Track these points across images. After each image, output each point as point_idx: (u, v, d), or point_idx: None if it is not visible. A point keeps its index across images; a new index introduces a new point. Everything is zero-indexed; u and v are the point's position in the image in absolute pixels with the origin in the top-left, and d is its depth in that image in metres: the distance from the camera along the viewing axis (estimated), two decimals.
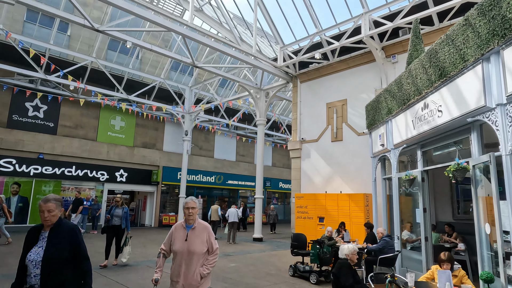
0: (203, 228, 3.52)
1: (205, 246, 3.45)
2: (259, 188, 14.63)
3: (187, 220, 3.52)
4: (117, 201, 8.40)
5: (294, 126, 13.63)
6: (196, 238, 3.42)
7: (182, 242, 3.42)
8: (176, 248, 3.42)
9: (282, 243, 13.89)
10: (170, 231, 3.64)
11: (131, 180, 19.18)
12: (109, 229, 8.27)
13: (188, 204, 3.47)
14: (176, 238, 3.50)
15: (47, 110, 16.77)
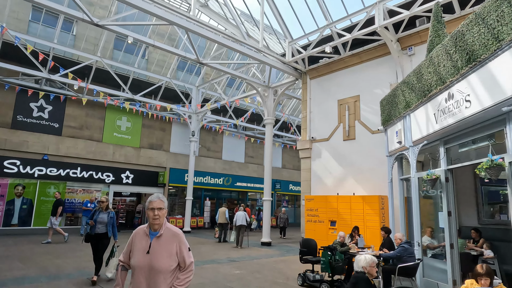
0: (172, 236, 2.66)
1: (174, 261, 2.60)
2: (267, 190, 14.01)
3: (152, 225, 2.67)
4: (101, 204, 7.04)
5: (303, 124, 12.98)
6: (162, 250, 2.59)
7: (143, 255, 2.58)
8: (135, 262, 2.59)
9: (291, 248, 13.21)
10: (130, 237, 2.80)
11: (138, 182, 18.79)
12: (92, 238, 6.97)
13: (153, 204, 2.66)
14: (135, 248, 2.66)
15: (52, 110, 16.52)
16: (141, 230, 2.75)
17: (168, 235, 2.66)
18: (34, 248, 10.80)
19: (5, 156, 14.91)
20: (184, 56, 12.49)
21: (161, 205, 2.67)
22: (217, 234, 15.04)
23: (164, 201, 2.72)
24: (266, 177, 14.11)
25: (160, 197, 2.70)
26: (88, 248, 11.73)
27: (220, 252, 11.22)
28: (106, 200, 7.12)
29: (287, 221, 17.14)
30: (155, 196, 2.72)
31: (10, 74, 15.20)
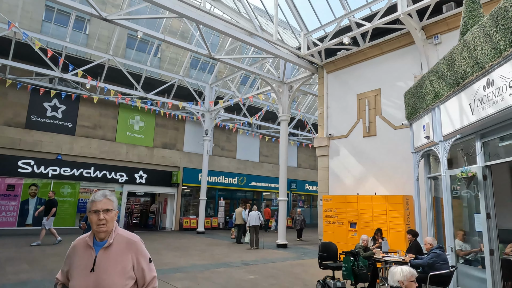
0: (127, 244, 2.02)
1: (130, 278, 1.96)
2: (283, 189, 13.46)
3: (96, 234, 2.01)
4: None
5: (320, 121, 12.37)
6: (112, 265, 1.95)
7: (85, 274, 1.93)
8: (75, 284, 1.94)
9: (308, 250, 12.62)
10: (68, 251, 2.10)
11: (151, 181, 18.57)
12: None
13: (96, 205, 2.00)
14: (75, 265, 1.98)
15: (65, 110, 16.46)
16: (81, 242, 2.05)
17: (121, 245, 2.01)
18: (46, 249, 10.61)
19: (20, 156, 14.90)
20: (195, 51, 12.09)
21: (109, 206, 2.02)
22: (233, 235, 14.82)
23: (112, 201, 2.06)
24: (281, 176, 13.56)
25: (107, 195, 2.06)
26: None
27: (233, 255, 10.75)
28: None
29: (304, 223, 16.24)
30: (100, 194, 2.05)
31: (24, 74, 15.19)
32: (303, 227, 16.06)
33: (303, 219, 16.23)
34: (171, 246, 12.34)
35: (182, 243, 13.30)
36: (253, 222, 12.78)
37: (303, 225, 16.06)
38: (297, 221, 16.02)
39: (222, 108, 18.11)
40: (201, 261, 9.34)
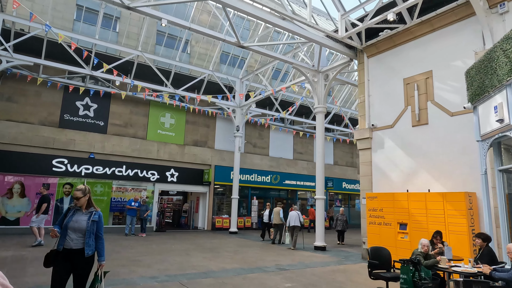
0: None
1: None
2: (320, 187, 12.39)
3: None
4: (77, 199, 4.05)
5: (361, 111, 11.17)
6: None
7: None
8: None
9: (350, 253, 11.46)
10: None
11: (182, 180, 18.17)
12: (60, 259, 3.92)
13: None
14: None
15: (97, 108, 16.42)
16: None
17: None
18: None
19: (54, 155, 15.00)
20: (223, 40, 11.35)
21: None
22: (272, 235, 14.24)
23: None
24: (318, 172, 12.50)
25: None
26: (134, 245, 11.35)
27: (268, 258, 9.87)
28: (83, 193, 4.06)
29: (346, 224, 14.38)
30: None
31: (57, 73, 15.29)
32: (346, 228, 14.31)
33: (346, 220, 14.40)
34: (202, 247, 11.70)
35: (214, 243, 12.64)
36: (293, 222, 12.34)
37: (346, 226, 14.33)
38: (339, 222, 14.25)
39: (253, 102, 17.30)
40: (232, 265, 8.55)
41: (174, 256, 9.57)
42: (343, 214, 14.52)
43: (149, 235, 15.00)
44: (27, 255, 8.84)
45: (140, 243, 12.01)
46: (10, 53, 12.98)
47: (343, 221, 14.21)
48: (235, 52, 19.93)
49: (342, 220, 14.21)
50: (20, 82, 14.65)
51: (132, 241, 12.48)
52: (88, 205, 4.15)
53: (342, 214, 14.46)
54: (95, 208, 4.19)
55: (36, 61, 13.59)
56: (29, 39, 13.93)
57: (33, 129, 14.72)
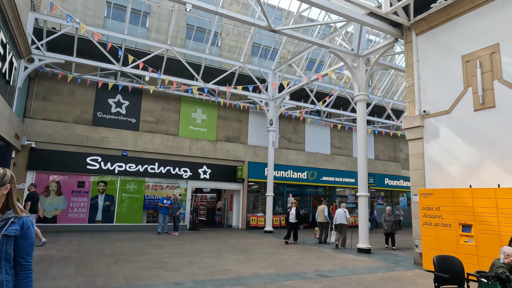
0: None
1: None
2: (362, 182, 11.21)
3: None
4: None
5: (409, 96, 9.84)
6: None
7: None
8: None
9: (399, 257, 10.20)
10: None
11: (215, 177, 17.62)
12: None
13: None
14: None
15: (129, 106, 16.27)
16: None
17: None
18: (105, 247, 10.00)
19: (88, 153, 15.00)
20: (253, 24, 10.50)
21: None
22: (317, 234, 13.57)
23: None
24: (360, 166, 11.32)
25: None
26: (161, 247, 10.64)
27: (306, 262, 8.92)
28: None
29: (396, 224, 12.54)
30: None
31: (89, 71, 15.29)
32: (395, 230, 12.32)
33: (395, 220, 12.40)
34: (235, 247, 10.97)
35: (248, 244, 11.89)
36: (339, 220, 12.04)
37: (395, 227, 12.35)
38: (386, 223, 12.39)
39: (287, 94, 16.31)
40: (267, 269, 7.70)
41: (204, 257, 8.90)
42: (391, 214, 12.60)
43: (182, 233, 14.58)
44: (56, 254, 8.58)
45: (172, 243, 11.52)
46: (43, 52, 13.02)
47: (391, 221, 12.31)
48: (266, 43, 19.06)
49: (390, 221, 12.33)
50: (54, 81, 14.78)
51: (163, 240, 12.05)
52: (7, 206, 2.20)
53: (389, 214, 12.59)
54: (17, 211, 2.21)
55: (67, 59, 13.57)
56: (61, 38, 13.97)
57: (67, 128, 14.81)
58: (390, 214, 12.54)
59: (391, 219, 12.36)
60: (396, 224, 12.31)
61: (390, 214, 12.57)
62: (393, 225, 12.22)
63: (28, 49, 12.20)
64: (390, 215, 12.50)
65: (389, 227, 12.26)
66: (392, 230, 12.22)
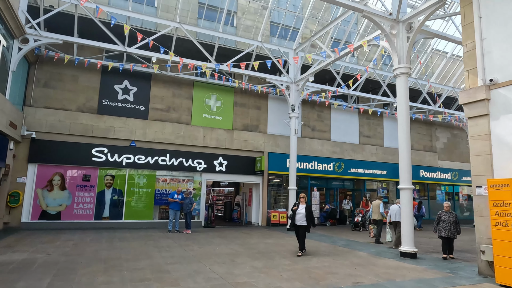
0: None
1: None
2: (405, 172, 9.33)
3: None
4: None
5: (469, 63, 7.83)
6: None
7: None
8: None
9: (455, 265, 8.29)
10: None
11: (232, 169, 16.07)
12: None
13: None
14: None
15: (137, 92, 14.93)
16: None
17: None
18: (103, 249, 8.64)
19: (93, 143, 13.78)
20: None
21: None
22: (372, 233, 12.57)
23: None
24: (402, 153, 9.42)
25: None
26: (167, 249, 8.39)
27: (340, 271, 7.20)
28: None
29: (458, 226, 9.02)
30: None
31: (93, 54, 14.02)
32: (455, 235, 9.00)
33: (456, 220, 9.06)
34: (253, 249, 9.38)
35: (268, 245, 10.27)
36: (394, 217, 10.75)
37: (455, 230, 9.00)
38: (444, 224, 9.04)
39: (311, 74, 14.45)
40: (292, 283, 6.05)
41: (215, 264, 7.34)
42: (450, 212, 9.16)
43: (196, 231, 13.15)
44: (40, 259, 7.25)
45: (181, 243, 10.06)
46: (38, 32, 11.78)
47: (451, 222, 9.01)
48: (286, 22, 17.20)
49: (448, 221, 9.02)
50: (56, 67, 13.59)
51: (172, 240, 10.62)
52: None
53: (447, 212, 9.17)
54: None
55: (65, 39, 12.29)
56: (61, 19, 12.73)
57: (71, 116, 13.62)
58: (448, 212, 9.16)
59: (449, 219, 9.04)
60: (456, 226, 9.04)
61: (449, 211, 9.17)
62: (452, 227, 8.99)
63: (20, 27, 10.97)
64: (448, 213, 9.13)
65: (446, 230, 8.99)
66: (452, 234, 8.98)
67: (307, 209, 8.94)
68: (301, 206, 8.99)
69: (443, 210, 9.27)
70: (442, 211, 9.29)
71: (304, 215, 8.88)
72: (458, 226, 9.00)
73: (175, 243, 10.13)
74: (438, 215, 9.32)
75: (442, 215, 9.20)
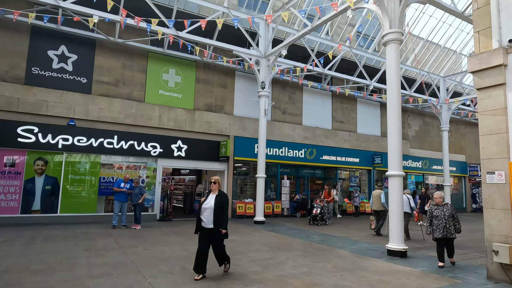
0: None
1: None
2: (396, 157, 7.90)
3: None
4: None
5: (480, 22, 6.42)
6: None
7: None
8: None
9: (456, 266, 7.00)
10: None
11: (193, 155, 14.10)
12: None
13: None
14: None
15: (77, 61, 12.44)
16: None
17: None
18: (10, 255, 6.47)
19: (19, 121, 11.23)
20: None
21: None
22: (372, 224, 11.25)
23: None
24: (392, 135, 7.98)
25: None
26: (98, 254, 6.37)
27: (323, 278, 5.64)
28: None
29: (457, 223, 6.64)
30: None
31: (19, 8, 11.30)
32: (454, 234, 6.64)
33: (453, 214, 6.66)
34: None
35: (233, 243, 8.54)
36: (404, 207, 9.07)
37: (453, 227, 6.62)
38: (438, 220, 6.65)
39: (284, 47, 12.68)
40: None
41: (160, 275, 5.48)
42: (444, 204, 6.78)
43: (147, 226, 11.15)
44: None
45: (123, 243, 8.06)
46: None
47: (446, 217, 6.59)
48: None
49: (442, 217, 6.61)
50: None
51: (113, 239, 8.57)
52: None
53: (440, 205, 6.79)
54: None
55: None
56: None
57: None
58: (441, 205, 6.76)
59: (444, 214, 6.61)
60: (454, 221, 6.65)
61: (442, 204, 6.79)
62: (447, 223, 6.57)
63: None
64: (441, 207, 6.73)
65: (442, 229, 6.59)
66: (449, 233, 6.59)
67: (217, 201, 5.40)
68: (211, 197, 5.54)
69: (434, 203, 6.92)
70: (432, 204, 6.95)
71: (213, 211, 5.35)
72: (457, 222, 6.65)
73: (116, 243, 8.11)
74: (429, 211, 6.89)
75: (433, 209, 6.80)
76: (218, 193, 5.54)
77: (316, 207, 13.34)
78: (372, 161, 19.42)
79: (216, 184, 5.61)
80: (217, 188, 5.61)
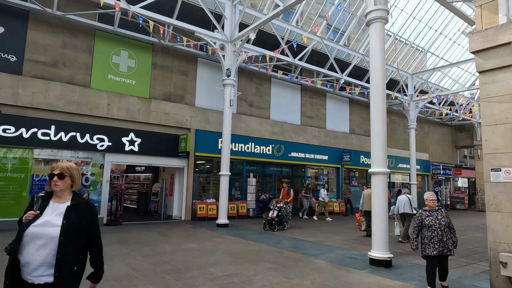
0: None
1: None
2: (380, 153, 6.92)
3: None
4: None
5: None
6: None
7: None
8: None
9: (452, 276, 6.08)
10: None
11: (148, 149, 12.43)
12: None
13: None
14: None
15: (5, 34, 10.34)
16: None
17: None
18: None
19: None
20: None
21: None
22: (363, 226, 10.63)
23: None
24: (377, 128, 6.99)
25: None
26: None
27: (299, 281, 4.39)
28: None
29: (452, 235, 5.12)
30: None
31: None
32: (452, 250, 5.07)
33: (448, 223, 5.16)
34: (164, 265, 6.15)
35: (190, 253, 7.11)
36: (402, 208, 9.74)
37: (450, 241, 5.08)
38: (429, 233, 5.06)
39: (252, 30, 11.40)
40: None
41: None
42: (438, 209, 5.29)
43: None
44: None
45: None
46: None
47: (443, 227, 5.05)
48: None
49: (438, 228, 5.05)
50: None
51: None
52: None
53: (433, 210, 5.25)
54: None
55: None
56: None
57: None
58: (435, 210, 5.22)
59: (439, 223, 5.05)
60: (451, 233, 5.14)
61: (435, 209, 5.25)
62: (445, 235, 5.01)
63: None
64: (435, 213, 5.18)
65: (437, 243, 4.97)
66: (447, 250, 5.00)
67: (69, 220, 2.26)
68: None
69: (425, 208, 5.34)
70: (423, 209, 5.29)
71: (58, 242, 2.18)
72: (453, 234, 5.16)
73: None
74: (418, 219, 5.21)
75: (424, 216, 5.16)
76: (78, 196, 2.43)
77: (272, 209, 11.34)
78: (341, 159, 18.74)
79: (65, 178, 2.32)
80: (68, 187, 2.37)
